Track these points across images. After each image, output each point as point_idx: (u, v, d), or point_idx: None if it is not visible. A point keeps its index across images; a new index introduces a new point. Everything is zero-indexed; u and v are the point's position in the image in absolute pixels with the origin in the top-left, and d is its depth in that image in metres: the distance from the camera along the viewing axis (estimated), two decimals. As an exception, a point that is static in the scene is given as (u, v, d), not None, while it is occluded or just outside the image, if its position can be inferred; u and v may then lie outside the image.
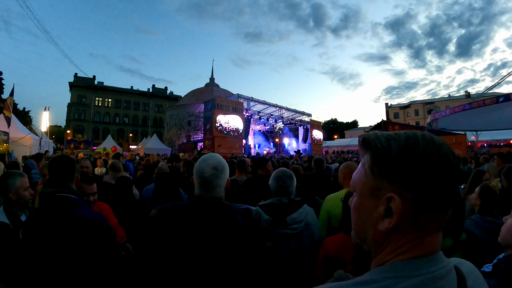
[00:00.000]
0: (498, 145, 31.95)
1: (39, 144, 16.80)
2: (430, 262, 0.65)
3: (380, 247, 0.70)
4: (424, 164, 0.64)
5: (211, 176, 1.79)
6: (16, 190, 2.63)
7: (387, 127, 21.50)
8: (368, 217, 0.71)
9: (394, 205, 0.65)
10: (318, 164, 5.58)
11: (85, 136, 48.26)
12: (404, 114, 67.63)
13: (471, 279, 0.69)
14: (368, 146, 0.72)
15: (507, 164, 5.29)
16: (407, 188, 0.64)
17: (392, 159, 0.66)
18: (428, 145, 0.66)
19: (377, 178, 0.68)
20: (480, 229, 2.52)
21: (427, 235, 0.66)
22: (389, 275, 0.64)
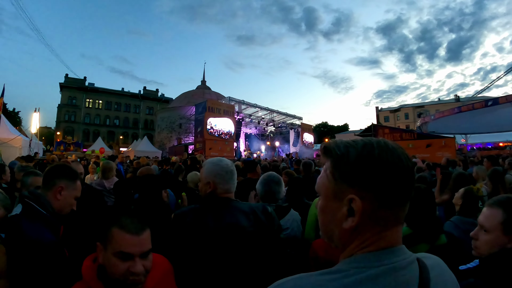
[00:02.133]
0: (487, 147, 32.35)
1: (29, 146, 16.58)
2: (392, 253, 0.72)
3: (346, 243, 0.77)
4: (379, 167, 0.72)
5: (234, 170, 1.95)
6: (27, 188, 2.75)
7: (377, 131, 21.66)
8: (333, 217, 0.78)
9: (355, 205, 0.72)
10: (307, 167, 5.75)
11: (75, 138, 47.60)
12: (394, 118, 68.25)
13: (436, 271, 0.75)
14: (329, 153, 0.80)
15: (495, 166, 5.40)
16: (366, 189, 0.72)
17: (350, 164, 0.74)
18: (382, 150, 0.73)
19: (338, 182, 0.76)
20: (459, 230, 2.56)
21: (387, 229, 0.74)
22: (353, 265, 0.71)
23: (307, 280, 0.71)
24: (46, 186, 2.03)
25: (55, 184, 2.02)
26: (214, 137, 25.02)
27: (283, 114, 35.71)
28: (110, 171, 4.95)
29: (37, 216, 1.86)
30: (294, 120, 37.64)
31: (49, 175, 2.05)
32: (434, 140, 18.34)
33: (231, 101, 28.55)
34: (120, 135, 63.34)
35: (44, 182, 2.05)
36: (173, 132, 47.83)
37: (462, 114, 24.26)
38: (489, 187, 4.32)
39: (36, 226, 1.82)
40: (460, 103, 34.57)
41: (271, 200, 2.72)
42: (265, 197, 2.74)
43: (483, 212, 1.73)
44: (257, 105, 31.56)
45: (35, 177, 2.96)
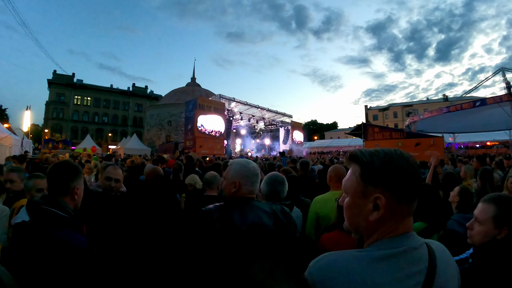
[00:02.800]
0: (474, 146, 32.82)
1: (20, 145, 16.35)
2: (407, 238, 0.95)
3: (371, 232, 0.97)
4: (398, 171, 0.93)
5: (259, 174, 2.02)
6: (30, 191, 2.83)
7: (367, 130, 21.77)
8: (360, 212, 0.98)
9: (380, 202, 0.93)
10: (304, 166, 5.75)
11: (64, 136, 47.17)
12: (383, 116, 68.84)
13: (439, 252, 0.98)
14: (356, 159, 1.01)
15: (483, 166, 5.68)
16: (388, 189, 0.93)
17: (376, 169, 0.95)
18: (399, 158, 0.95)
19: (366, 183, 0.96)
20: (462, 226, 2.59)
21: (402, 220, 0.95)
22: (380, 246, 0.93)
23: (347, 254, 0.93)
24: (62, 190, 1.91)
25: (71, 187, 1.94)
26: (205, 135, 24.93)
27: (273, 112, 35.74)
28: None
29: (62, 222, 1.78)
30: (284, 118, 37.72)
31: (63, 178, 1.93)
32: (423, 139, 18.49)
33: (221, 98, 28.46)
34: (109, 133, 62.83)
35: (59, 185, 1.91)
36: (162, 130, 47.59)
37: (450, 114, 24.58)
38: (478, 185, 4.54)
39: (66, 232, 1.76)
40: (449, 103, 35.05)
41: (275, 199, 2.77)
42: (270, 196, 2.79)
43: (478, 206, 1.98)
44: (248, 103, 31.52)
45: (36, 180, 2.91)
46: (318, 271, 0.92)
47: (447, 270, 0.97)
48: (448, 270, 0.98)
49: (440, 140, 18.76)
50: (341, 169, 3.46)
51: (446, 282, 0.95)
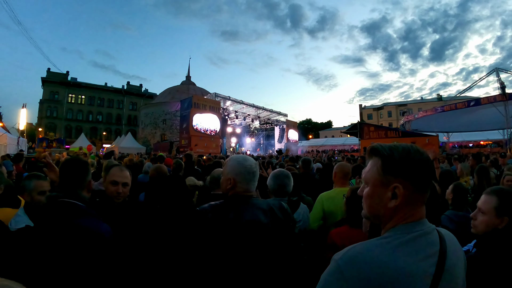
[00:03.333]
0: (468, 145, 33.06)
1: (16, 143, 16.28)
2: (422, 224, 1.06)
3: (389, 218, 1.08)
4: (414, 164, 1.04)
5: (257, 171, 1.99)
6: (30, 192, 2.65)
7: (362, 128, 21.91)
8: (380, 200, 1.08)
9: (398, 191, 1.04)
10: (306, 164, 5.81)
11: (58, 135, 46.70)
12: (378, 115, 69.08)
13: (448, 237, 1.10)
14: (377, 153, 1.11)
15: (479, 163, 5.79)
16: (406, 179, 1.04)
17: (396, 162, 1.06)
18: (415, 152, 1.06)
19: (386, 174, 1.07)
20: (453, 223, 2.85)
21: (417, 207, 1.06)
22: (398, 232, 1.03)
23: (368, 245, 1.02)
24: (81, 184, 1.97)
25: (87, 180, 2.02)
26: (200, 133, 24.91)
27: (268, 111, 35.80)
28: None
29: (85, 212, 1.84)
30: (279, 117, 37.77)
31: (81, 173, 1.99)
32: (418, 138, 18.68)
33: (217, 97, 28.43)
34: (103, 132, 62.41)
35: (78, 180, 1.96)
36: (157, 129, 47.39)
37: (445, 113, 24.76)
38: (475, 181, 4.72)
39: (91, 220, 1.83)
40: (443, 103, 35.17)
41: (282, 194, 2.84)
42: (277, 191, 2.87)
43: (482, 198, 2.11)
44: (243, 102, 31.53)
45: (38, 181, 2.75)
46: (346, 263, 0.98)
47: (455, 253, 1.08)
48: (456, 254, 1.09)
49: (435, 139, 18.94)
50: (346, 166, 3.61)
51: (455, 264, 1.06)
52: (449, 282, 1.02)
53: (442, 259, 1.02)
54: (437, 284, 0.98)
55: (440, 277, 0.99)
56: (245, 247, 1.75)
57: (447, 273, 1.01)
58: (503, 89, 22.53)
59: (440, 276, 0.99)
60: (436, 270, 0.99)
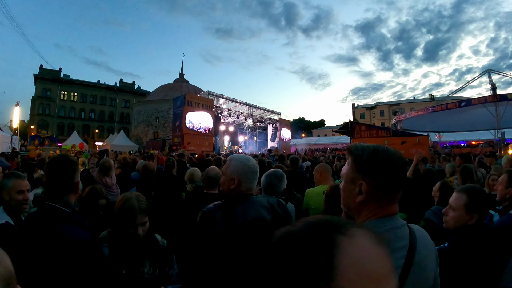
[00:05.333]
0: (460, 145, 33.33)
1: (10, 141, 16.20)
2: (391, 219, 1.14)
3: (358, 212, 1.17)
4: (379, 164, 1.12)
5: (258, 171, 2.05)
6: (9, 191, 2.56)
7: (354, 128, 21.94)
8: (350, 194, 1.19)
9: (363, 187, 1.14)
10: (294, 162, 5.94)
11: (50, 132, 46.08)
12: (370, 115, 69.34)
13: (419, 233, 1.19)
14: (350, 152, 1.21)
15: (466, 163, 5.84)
16: (370, 177, 1.13)
17: (363, 161, 1.15)
18: (384, 154, 1.14)
19: (355, 172, 1.17)
20: (437, 217, 2.90)
21: (385, 204, 1.14)
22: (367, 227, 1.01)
23: None
24: (67, 187, 1.93)
25: (74, 182, 1.99)
26: (193, 131, 24.83)
27: (262, 109, 35.76)
28: (110, 169, 4.78)
29: (66, 217, 1.81)
30: (272, 116, 37.75)
31: (67, 175, 1.94)
32: (408, 138, 18.72)
33: (210, 95, 28.36)
34: (96, 129, 61.85)
35: (64, 182, 1.92)
36: (150, 126, 47.24)
37: (436, 113, 24.94)
38: (459, 181, 4.74)
39: (70, 226, 1.79)
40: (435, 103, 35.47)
41: (271, 192, 2.91)
42: (267, 189, 2.96)
43: (453, 195, 2.26)
44: (236, 100, 31.48)
45: (17, 180, 2.64)
46: None
47: (425, 247, 1.16)
48: (426, 248, 1.17)
49: (426, 139, 19.02)
50: (327, 166, 3.80)
51: (425, 258, 1.14)
52: (419, 275, 1.09)
53: (411, 253, 1.09)
54: (406, 276, 1.06)
55: (409, 270, 1.07)
56: (252, 244, 1.77)
57: (416, 266, 1.09)
58: (494, 90, 22.82)
59: (409, 268, 1.07)
60: (405, 262, 1.07)
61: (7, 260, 0.76)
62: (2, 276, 0.70)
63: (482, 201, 2.14)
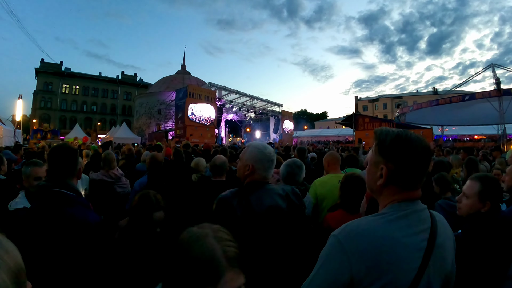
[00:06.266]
0: (462, 140, 33.23)
1: (13, 135, 16.30)
2: (414, 203, 1.16)
3: (380, 194, 1.22)
4: (401, 149, 1.14)
5: (275, 159, 2.06)
6: (27, 178, 2.84)
7: (357, 120, 22.02)
8: (372, 177, 1.23)
9: (383, 171, 1.17)
10: (301, 153, 6.05)
11: (52, 126, 46.03)
12: (373, 107, 69.10)
13: (438, 217, 1.22)
14: (376, 136, 1.23)
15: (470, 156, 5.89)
16: (391, 162, 1.15)
17: (385, 145, 1.17)
18: (407, 139, 1.15)
19: (378, 155, 1.20)
20: (444, 211, 3.01)
21: (406, 189, 1.16)
22: (391, 210, 1.15)
23: (364, 220, 1.15)
24: (71, 172, 1.98)
25: (77, 168, 2.04)
26: (195, 123, 24.86)
27: (264, 101, 35.74)
28: (113, 161, 4.79)
29: (74, 202, 1.86)
30: (274, 108, 37.73)
31: (71, 161, 1.99)
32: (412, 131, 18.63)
33: (212, 87, 28.32)
34: (98, 122, 61.66)
35: (68, 168, 1.97)
36: (152, 118, 47.07)
37: (439, 106, 24.82)
38: (465, 173, 4.92)
39: (81, 209, 1.86)
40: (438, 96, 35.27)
41: (291, 182, 2.95)
42: (287, 178, 3.00)
43: (467, 183, 2.29)
44: (239, 92, 31.43)
45: (35, 168, 2.92)
46: (346, 237, 1.09)
47: (445, 232, 1.19)
48: (445, 232, 1.20)
49: (429, 132, 19.07)
50: (336, 154, 3.83)
51: (444, 241, 1.16)
52: (439, 258, 1.12)
53: (433, 235, 1.12)
54: (428, 258, 1.08)
55: (431, 252, 1.09)
56: (268, 230, 1.83)
57: (437, 249, 1.11)
58: (498, 84, 22.61)
59: (431, 250, 1.09)
60: (428, 244, 1.10)
61: (16, 252, 0.73)
62: (11, 269, 0.68)
63: (495, 189, 2.17)
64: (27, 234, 1.72)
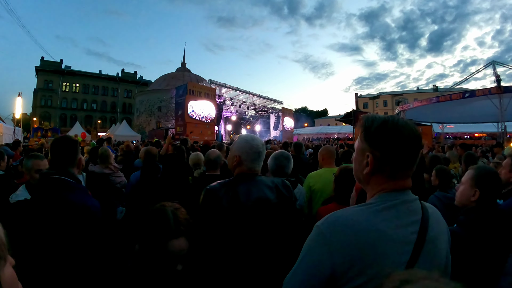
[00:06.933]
0: (463, 137, 33.21)
1: (13, 133, 16.36)
2: (403, 193, 1.11)
3: (367, 183, 1.17)
4: (387, 136, 1.08)
5: (263, 151, 2.04)
6: (29, 170, 2.89)
7: (357, 117, 21.91)
8: (360, 165, 1.18)
9: (369, 159, 1.11)
10: (297, 148, 6.16)
11: (52, 124, 46.06)
12: (373, 104, 69.09)
13: (431, 209, 1.15)
14: (362, 123, 1.17)
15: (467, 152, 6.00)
16: (376, 149, 1.10)
17: (371, 133, 1.12)
18: (393, 126, 1.08)
19: (364, 142, 1.15)
20: (441, 203, 2.96)
21: (395, 178, 1.10)
22: (379, 200, 1.09)
23: (349, 211, 1.09)
24: (71, 162, 2.07)
25: (77, 158, 2.13)
26: (195, 120, 24.83)
27: (264, 98, 35.71)
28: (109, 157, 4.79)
29: (73, 188, 1.96)
30: (275, 105, 37.69)
31: (71, 151, 2.09)
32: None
33: (212, 84, 28.28)
34: (98, 120, 61.70)
35: (69, 158, 2.06)
36: (152, 116, 47.17)
37: (440, 103, 24.79)
38: (463, 168, 5.02)
39: (80, 195, 1.97)
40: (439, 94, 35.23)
41: (280, 174, 2.96)
42: (276, 171, 3.01)
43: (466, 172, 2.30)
44: (239, 89, 31.39)
45: (35, 160, 2.96)
46: (328, 227, 1.05)
47: (438, 225, 1.13)
48: (439, 225, 1.14)
49: (429, 129, 19.02)
50: (331, 149, 3.92)
51: (437, 235, 1.11)
52: (431, 253, 1.05)
53: (423, 228, 1.06)
54: (418, 252, 1.02)
55: (422, 246, 1.03)
56: (255, 222, 1.82)
57: (429, 243, 1.04)
58: (499, 82, 22.59)
59: (422, 244, 1.03)
60: (418, 238, 1.03)
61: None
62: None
63: (487, 177, 2.15)
64: (30, 221, 1.80)
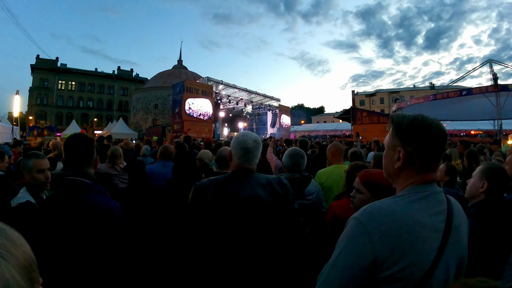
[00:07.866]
0: (459, 135, 33.36)
1: (11, 132, 16.29)
2: (431, 186, 1.19)
3: (397, 177, 1.25)
4: (417, 133, 1.17)
5: (253, 148, 2.00)
6: (30, 171, 2.66)
7: (355, 113, 22.03)
8: (390, 160, 1.26)
9: (401, 154, 1.20)
10: (303, 144, 6.20)
11: (48, 122, 45.90)
12: (370, 102, 69.19)
13: (453, 200, 1.24)
14: (392, 120, 1.28)
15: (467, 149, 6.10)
16: (408, 145, 1.19)
17: (402, 129, 1.21)
18: (422, 123, 1.18)
19: (395, 138, 1.24)
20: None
21: (423, 172, 1.19)
22: (410, 192, 1.18)
23: (386, 201, 1.18)
24: (88, 161, 1.99)
25: (94, 157, 2.05)
26: (193, 118, 24.75)
27: (261, 95, 35.67)
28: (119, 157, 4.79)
29: (92, 190, 1.87)
30: (272, 102, 37.67)
31: (88, 151, 2.01)
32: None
33: (209, 81, 28.19)
34: (94, 118, 61.47)
35: (85, 158, 1.98)
36: (149, 114, 47.02)
37: (437, 101, 24.88)
38: (465, 164, 5.11)
39: (101, 197, 1.89)
40: (435, 91, 35.37)
41: (296, 170, 3.06)
42: (292, 168, 3.09)
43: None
44: (236, 86, 31.33)
45: (37, 159, 2.73)
46: (368, 217, 1.12)
47: (459, 214, 1.23)
48: (460, 215, 1.24)
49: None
50: (340, 145, 3.97)
51: (460, 224, 1.20)
52: (456, 240, 1.16)
53: (449, 217, 1.16)
54: (447, 239, 1.12)
55: (449, 233, 1.13)
56: (243, 220, 1.80)
57: (454, 231, 1.15)
58: (495, 80, 22.61)
59: (449, 232, 1.13)
60: (446, 226, 1.14)
61: (23, 241, 0.64)
62: (21, 263, 0.58)
63: (495, 170, 2.28)
64: (39, 226, 1.74)
